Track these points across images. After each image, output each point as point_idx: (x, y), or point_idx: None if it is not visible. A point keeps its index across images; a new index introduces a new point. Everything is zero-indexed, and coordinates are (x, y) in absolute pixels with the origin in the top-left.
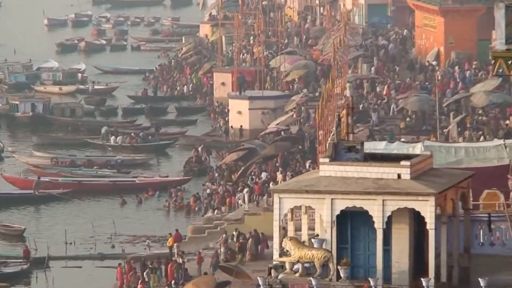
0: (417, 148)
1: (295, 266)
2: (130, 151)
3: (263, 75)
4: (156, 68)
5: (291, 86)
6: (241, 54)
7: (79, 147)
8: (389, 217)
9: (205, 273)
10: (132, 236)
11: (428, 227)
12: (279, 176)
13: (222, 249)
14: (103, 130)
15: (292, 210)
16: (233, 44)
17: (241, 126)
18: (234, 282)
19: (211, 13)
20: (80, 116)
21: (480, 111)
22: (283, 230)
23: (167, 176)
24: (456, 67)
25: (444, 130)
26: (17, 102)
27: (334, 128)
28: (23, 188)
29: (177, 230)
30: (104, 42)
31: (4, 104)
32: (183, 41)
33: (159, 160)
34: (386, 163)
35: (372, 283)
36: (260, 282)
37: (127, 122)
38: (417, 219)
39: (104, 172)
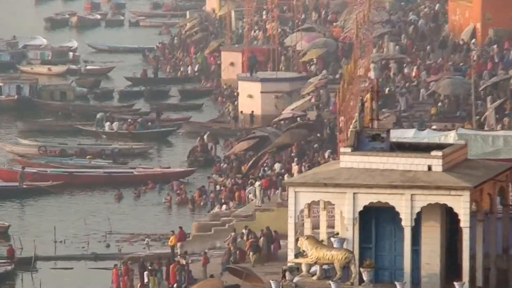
0: (450, 137)
1: (313, 268)
2: (128, 139)
3: (277, 55)
4: (157, 46)
5: (308, 67)
6: (252, 31)
7: (70, 134)
8: (418, 214)
9: (211, 276)
10: (129, 234)
11: (462, 225)
12: (295, 168)
13: (224, 253)
14: (98, 115)
15: (309, 205)
16: (243, 20)
17: (252, 111)
18: (244, 286)
19: None
20: (72, 99)
21: None
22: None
23: (168, 167)
24: (494, 46)
25: (481, 117)
26: (0, 84)
27: (356, 114)
28: (8, 180)
29: (180, 228)
30: (98, 17)
31: None
32: (187, 16)
33: (160, 149)
34: (415, 154)
35: None
36: (273, 286)
37: (124, 106)
38: (449, 216)
39: (98, 162)
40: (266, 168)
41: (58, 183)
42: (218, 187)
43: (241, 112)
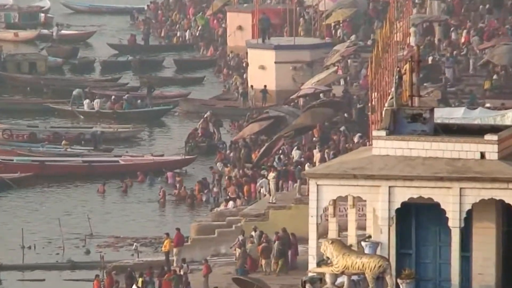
0: (508, 117)
1: (339, 280)
2: (112, 120)
3: (295, 17)
4: (147, 6)
5: (333, 32)
6: None
7: (41, 115)
8: (469, 212)
9: None
10: (114, 238)
11: None
12: (317, 156)
13: (239, 256)
14: (75, 92)
15: (334, 202)
16: None
17: (265, 86)
18: None
19: None
20: (43, 72)
21: None
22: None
23: (162, 155)
24: None
25: None
26: None
27: (393, 89)
28: None
29: (177, 230)
30: None
31: None
32: None
33: (151, 133)
34: (465, 138)
35: None
36: None
37: (108, 80)
38: (507, 215)
39: (76, 149)
40: (281, 156)
41: (27, 175)
42: (223, 180)
43: (251, 87)
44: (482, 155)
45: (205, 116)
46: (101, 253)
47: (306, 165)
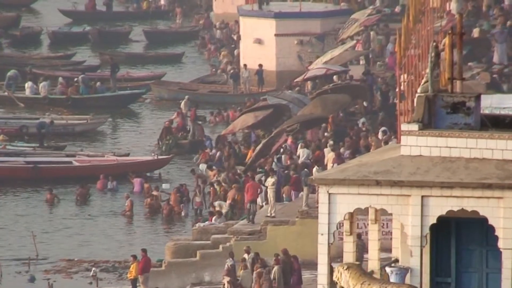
0: None
1: None
2: (64, 109)
3: None
4: None
5: None
6: None
7: None
8: None
9: None
10: (66, 261)
11: None
12: (329, 156)
13: (227, 285)
14: (9, 73)
15: (352, 215)
16: None
17: (261, 65)
18: None
19: None
20: None
21: None
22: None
23: (127, 155)
24: None
25: None
26: None
27: (428, 70)
28: None
29: (143, 251)
30: None
31: None
32: None
33: (116, 126)
34: None
35: None
36: None
37: (59, 57)
38: None
39: (18, 147)
40: (283, 156)
41: None
42: (207, 187)
43: (245, 66)
44: None
45: (184, 104)
46: (49, 280)
47: (315, 169)
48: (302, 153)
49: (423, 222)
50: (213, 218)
